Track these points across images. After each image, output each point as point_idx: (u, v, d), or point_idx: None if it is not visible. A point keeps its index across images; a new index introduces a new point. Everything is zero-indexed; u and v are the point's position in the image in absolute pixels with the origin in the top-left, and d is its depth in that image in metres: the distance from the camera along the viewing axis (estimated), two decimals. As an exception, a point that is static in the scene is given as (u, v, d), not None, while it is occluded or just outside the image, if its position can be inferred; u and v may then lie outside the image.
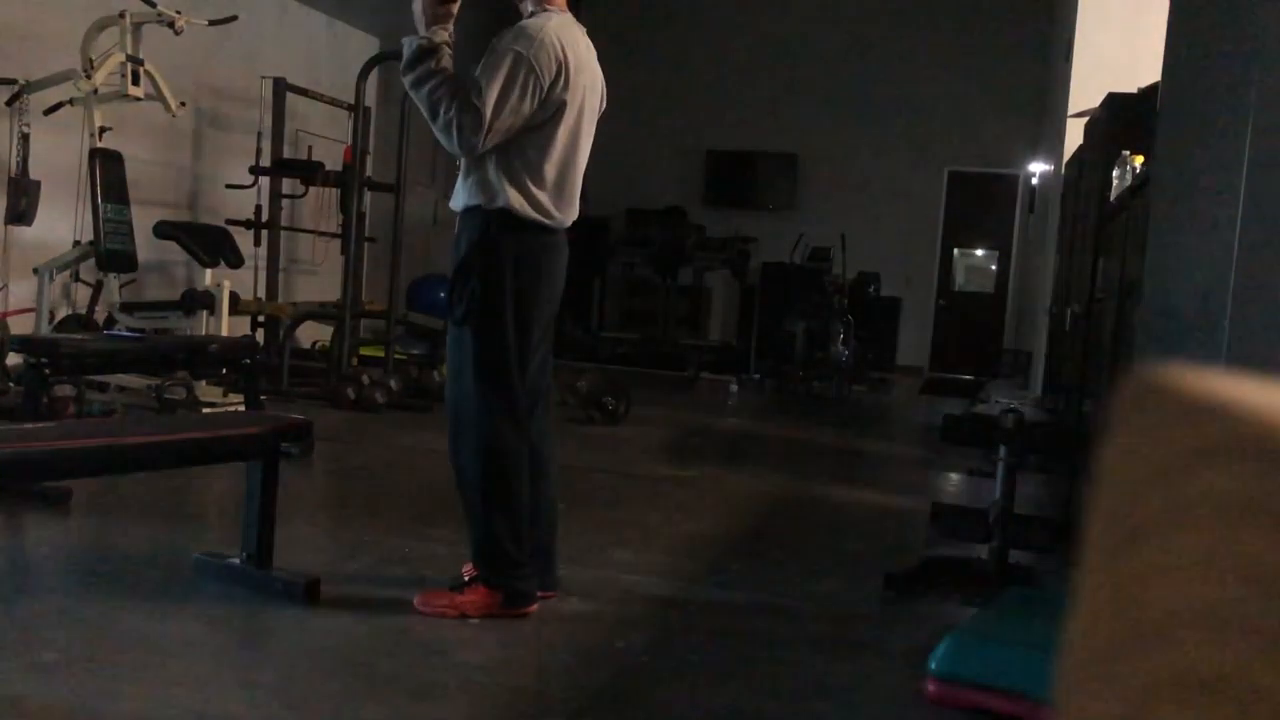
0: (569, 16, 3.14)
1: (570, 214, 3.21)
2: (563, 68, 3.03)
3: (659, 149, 13.62)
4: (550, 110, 3.05)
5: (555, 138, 3.08)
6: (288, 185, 8.50)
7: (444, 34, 3.05)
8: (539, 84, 3.00)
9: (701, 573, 3.89)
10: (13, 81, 6.43)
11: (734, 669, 2.95)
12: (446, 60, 3.03)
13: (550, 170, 3.09)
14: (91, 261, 6.48)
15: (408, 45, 3.06)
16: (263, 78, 8.54)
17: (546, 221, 3.11)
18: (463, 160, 3.16)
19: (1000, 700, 2.61)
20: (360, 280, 7.95)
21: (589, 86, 3.16)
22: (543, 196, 3.08)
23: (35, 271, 6.39)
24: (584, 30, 3.18)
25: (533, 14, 3.12)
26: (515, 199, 3.06)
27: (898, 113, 13.34)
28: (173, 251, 7.40)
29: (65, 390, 5.53)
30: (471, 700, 2.62)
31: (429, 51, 3.02)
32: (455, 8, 3.09)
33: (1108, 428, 0.36)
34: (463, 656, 2.90)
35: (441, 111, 2.98)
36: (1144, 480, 0.33)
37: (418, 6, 3.09)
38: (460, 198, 3.15)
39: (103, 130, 6.42)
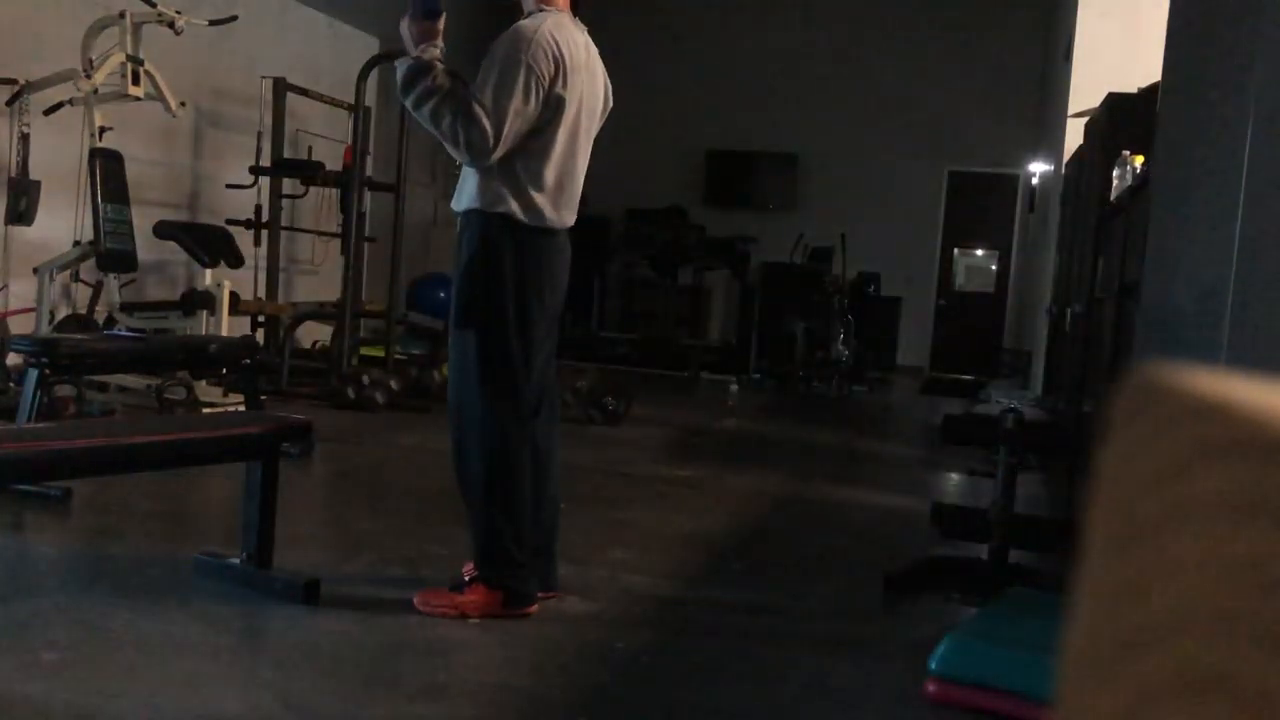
0: (567, 15, 3.14)
1: (570, 216, 3.21)
2: (560, 65, 3.02)
3: (659, 149, 13.62)
4: (551, 109, 3.05)
5: (555, 140, 3.08)
6: (288, 185, 8.50)
7: (435, 50, 3.05)
8: (540, 84, 3.00)
9: (701, 573, 3.89)
10: (13, 81, 6.43)
11: (734, 669, 2.95)
12: (442, 77, 3.02)
13: (550, 173, 3.09)
14: (91, 261, 6.48)
15: (401, 67, 3.05)
16: (263, 78, 8.53)
17: (546, 224, 3.11)
18: (461, 173, 3.18)
19: (1000, 700, 2.61)
20: (360, 280, 7.95)
21: (587, 86, 3.15)
22: (542, 200, 3.08)
23: (35, 271, 6.39)
24: (584, 29, 3.17)
25: (530, 14, 3.12)
26: (515, 203, 3.06)
27: (898, 113, 13.34)
28: (173, 251, 7.39)
29: (65, 390, 5.53)
30: (471, 700, 2.62)
31: (423, 70, 3.01)
32: (441, 23, 3.09)
33: (1108, 428, 0.36)
34: (463, 656, 2.90)
35: (445, 127, 2.98)
36: (1144, 480, 0.33)
37: (404, 29, 3.09)
38: (461, 199, 3.15)
39: (103, 130, 6.42)
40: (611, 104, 3.36)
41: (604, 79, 3.28)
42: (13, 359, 5.40)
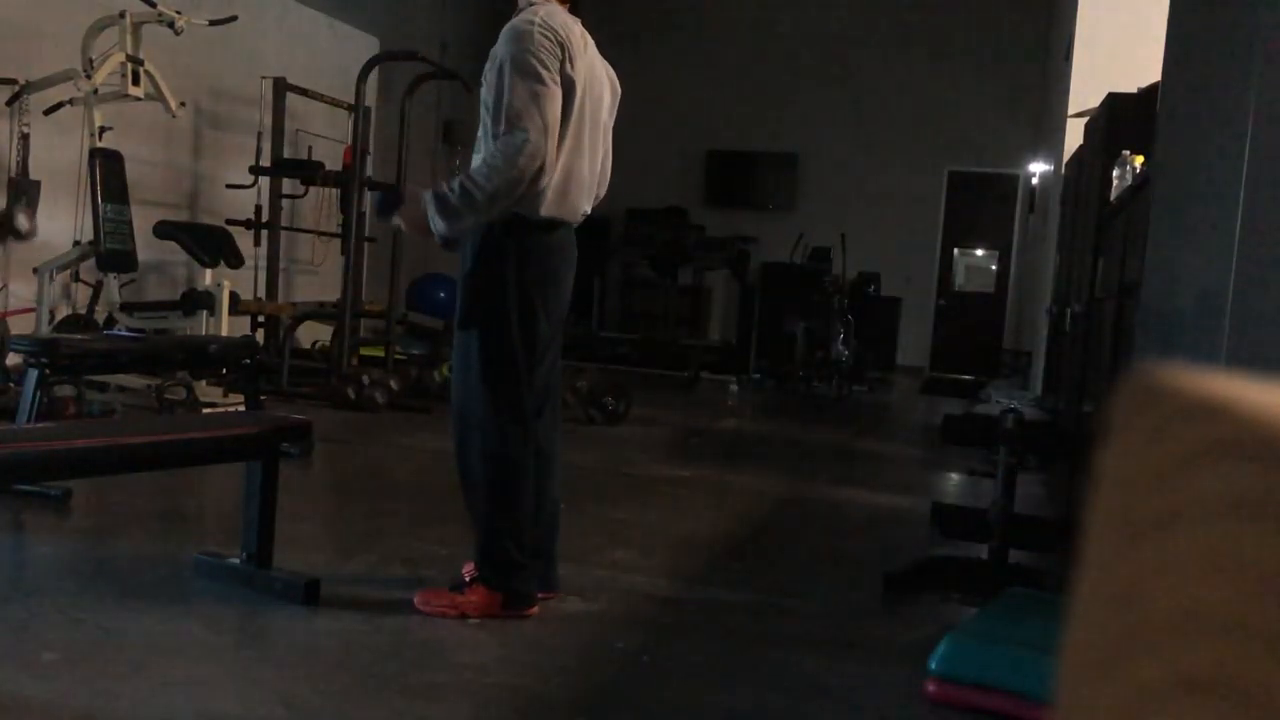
0: (556, 6, 3.13)
1: (581, 206, 3.19)
2: (564, 48, 3.02)
3: (659, 149, 13.63)
4: (566, 93, 3.03)
5: (563, 134, 3.07)
6: (288, 185, 8.50)
7: (426, 195, 3.06)
8: (552, 66, 2.99)
9: (701, 573, 3.89)
10: (13, 81, 6.44)
11: (734, 669, 2.95)
12: (453, 181, 3.04)
13: (558, 164, 3.07)
14: (91, 261, 6.48)
15: (438, 221, 3.02)
16: (263, 78, 8.54)
17: (551, 218, 3.10)
18: (470, 164, 3.17)
19: (1000, 700, 2.61)
20: (360, 280, 7.95)
21: (590, 75, 3.14)
22: (548, 195, 3.07)
23: (35, 271, 6.39)
24: (578, 21, 3.17)
25: (522, 9, 3.12)
26: (520, 201, 3.05)
27: (898, 113, 13.35)
28: (173, 251, 7.40)
29: (65, 390, 5.53)
30: (471, 700, 2.62)
31: (442, 197, 3.01)
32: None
33: (1108, 428, 0.36)
34: (463, 656, 2.90)
35: (503, 177, 2.95)
36: (1144, 480, 0.33)
37: (404, 225, 3.20)
38: None
39: (103, 130, 6.42)
40: (620, 90, 3.35)
41: (605, 67, 3.27)
42: (13, 359, 5.40)
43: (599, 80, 3.21)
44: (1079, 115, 6.94)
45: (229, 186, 8.44)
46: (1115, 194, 4.43)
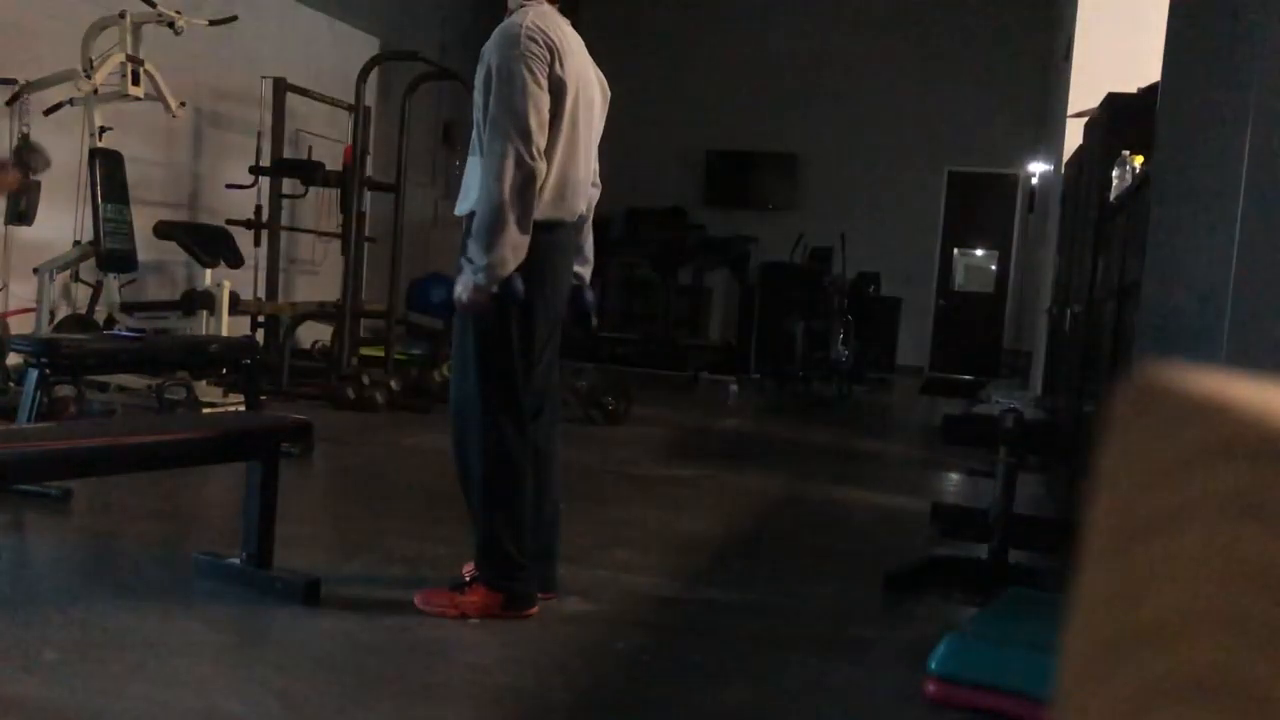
0: (547, 7, 3.13)
1: (575, 206, 3.20)
2: (553, 50, 3.02)
3: (659, 149, 13.62)
4: (555, 95, 3.03)
5: (557, 131, 3.07)
6: (288, 185, 8.50)
7: (467, 270, 3.03)
8: (540, 69, 2.99)
9: (701, 573, 3.89)
10: (13, 81, 6.43)
11: (734, 669, 2.95)
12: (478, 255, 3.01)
13: (553, 165, 3.08)
14: (91, 261, 6.48)
15: (471, 260, 3.00)
16: (263, 78, 8.54)
17: (549, 219, 3.10)
18: (465, 164, 3.17)
19: (1000, 700, 2.61)
20: (360, 280, 7.95)
21: (580, 76, 3.14)
22: (545, 197, 3.07)
23: (35, 271, 6.39)
24: (568, 21, 3.17)
25: (512, 11, 3.13)
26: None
27: (898, 113, 13.34)
28: (173, 251, 7.40)
29: (65, 390, 5.53)
30: (471, 700, 2.62)
31: (467, 255, 3.01)
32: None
33: (1108, 428, 0.36)
34: (463, 656, 2.90)
35: (493, 190, 2.95)
36: (1144, 480, 0.33)
37: (467, 288, 3.03)
38: (465, 203, 3.14)
39: (103, 130, 6.42)
40: (609, 92, 3.35)
41: (595, 70, 3.28)
42: (13, 359, 5.40)
43: (590, 82, 3.21)
44: (1079, 115, 6.94)
45: (229, 186, 8.44)
46: (1115, 194, 4.43)
